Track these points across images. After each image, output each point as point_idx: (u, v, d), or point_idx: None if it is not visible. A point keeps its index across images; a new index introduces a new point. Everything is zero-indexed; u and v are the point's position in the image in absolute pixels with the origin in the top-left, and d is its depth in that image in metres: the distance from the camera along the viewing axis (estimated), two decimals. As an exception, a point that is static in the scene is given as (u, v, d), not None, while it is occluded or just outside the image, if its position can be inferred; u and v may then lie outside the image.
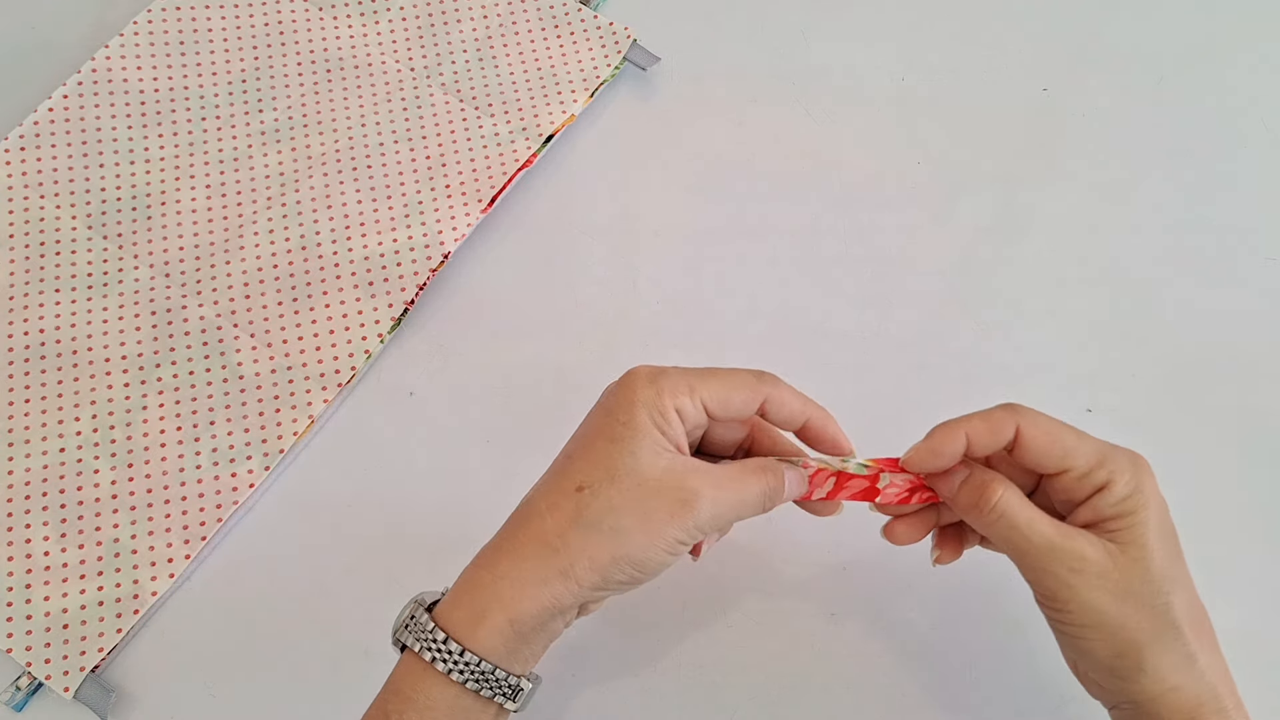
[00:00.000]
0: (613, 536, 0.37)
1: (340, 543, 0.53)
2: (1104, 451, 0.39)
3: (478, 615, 0.37)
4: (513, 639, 0.37)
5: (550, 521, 0.38)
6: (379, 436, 0.56)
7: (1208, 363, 0.58)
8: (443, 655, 0.37)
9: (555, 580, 0.37)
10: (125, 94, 0.63)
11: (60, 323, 0.56)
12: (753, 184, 0.63)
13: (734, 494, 0.39)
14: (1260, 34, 0.68)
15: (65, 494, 0.52)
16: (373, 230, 0.60)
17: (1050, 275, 0.60)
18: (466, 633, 0.37)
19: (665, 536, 0.37)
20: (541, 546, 0.37)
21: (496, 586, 0.37)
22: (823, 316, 0.59)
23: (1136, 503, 0.38)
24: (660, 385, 0.39)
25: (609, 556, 0.37)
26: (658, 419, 0.38)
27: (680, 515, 0.37)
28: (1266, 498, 0.55)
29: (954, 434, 0.40)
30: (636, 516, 0.37)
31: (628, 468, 0.38)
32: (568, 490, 0.38)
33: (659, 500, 0.37)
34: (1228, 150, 0.64)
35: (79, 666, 0.49)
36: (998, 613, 0.52)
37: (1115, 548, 0.38)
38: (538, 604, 0.37)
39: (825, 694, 0.50)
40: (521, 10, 0.67)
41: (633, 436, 0.38)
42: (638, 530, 0.37)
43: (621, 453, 0.38)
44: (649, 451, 0.38)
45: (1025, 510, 0.39)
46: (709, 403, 0.40)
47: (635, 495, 0.37)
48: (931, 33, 0.68)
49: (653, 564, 0.38)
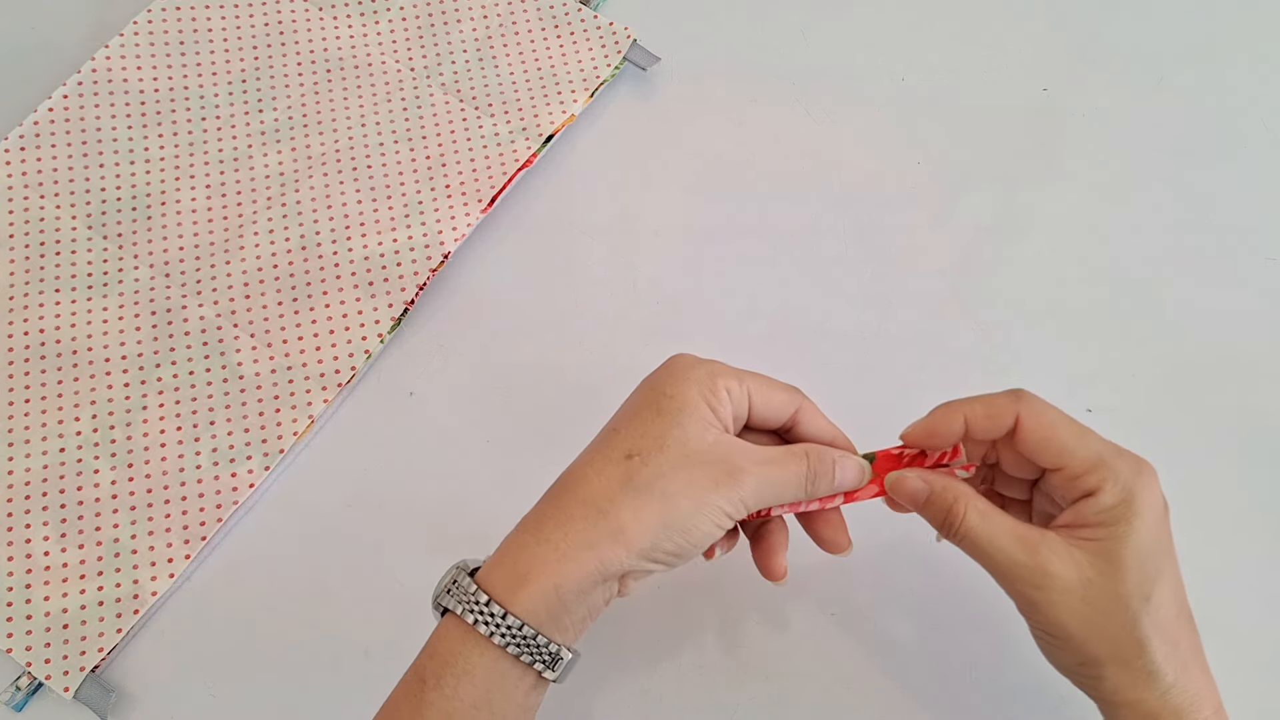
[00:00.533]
0: (663, 500, 0.37)
1: (340, 543, 0.53)
2: (1103, 455, 0.38)
3: (521, 578, 0.36)
4: (556, 604, 0.37)
5: (598, 485, 0.37)
6: (379, 436, 0.56)
7: (1208, 363, 0.58)
8: (485, 618, 0.36)
9: (604, 543, 0.36)
10: (125, 94, 0.63)
11: (60, 323, 0.56)
12: (753, 184, 0.63)
13: (778, 472, 0.39)
14: (1260, 34, 0.68)
15: (65, 494, 0.52)
16: (373, 230, 0.60)
17: (1050, 275, 0.60)
18: (509, 595, 0.36)
19: (712, 504, 0.37)
20: (589, 508, 0.37)
21: (540, 550, 0.37)
22: (823, 316, 0.59)
23: (1119, 514, 0.38)
24: (712, 367, 0.40)
25: (659, 520, 0.37)
26: (708, 395, 0.39)
27: (726, 486, 0.38)
28: (1266, 498, 0.55)
29: (953, 415, 0.40)
30: (684, 483, 0.37)
31: (676, 438, 0.38)
32: (615, 458, 0.38)
33: (706, 470, 0.38)
34: (1228, 150, 0.64)
35: (79, 666, 0.49)
36: (998, 613, 0.51)
37: (1086, 559, 0.38)
38: (584, 568, 0.36)
39: (825, 694, 0.50)
40: (521, 10, 0.67)
41: (681, 410, 0.38)
42: (685, 496, 0.37)
43: (670, 425, 0.38)
44: (697, 425, 0.38)
45: (986, 527, 0.39)
46: (754, 395, 0.40)
47: (683, 464, 0.37)
48: (931, 33, 0.68)
49: (698, 533, 0.38)
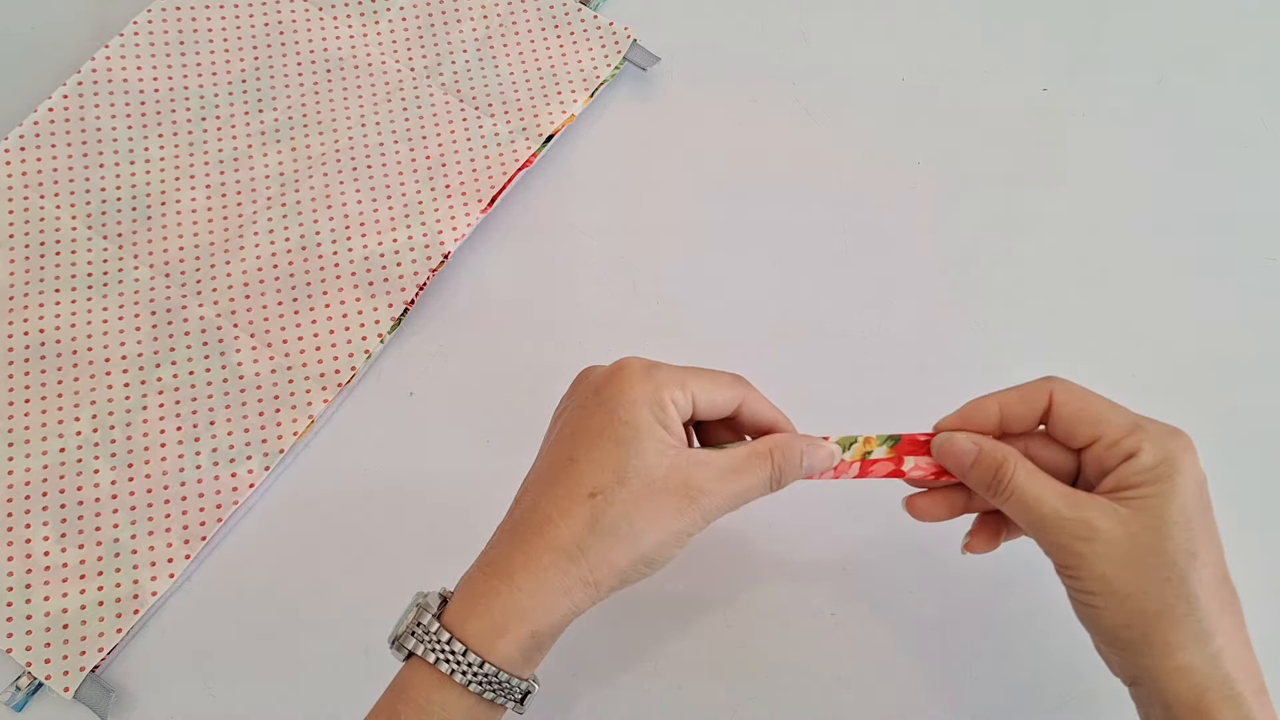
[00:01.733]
0: (629, 540, 0.38)
1: (340, 543, 0.53)
2: (1138, 422, 0.39)
3: (498, 628, 0.37)
4: (532, 648, 0.38)
5: (565, 530, 0.38)
6: (379, 436, 0.56)
7: (1208, 363, 0.58)
8: (460, 667, 0.37)
9: (576, 589, 0.38)
10: (125, 94, 0.63)
11: (60, 323, 0.56)
12: (752, 184, 0.63)
13: (737, 483, 0.40)
14: (1260, 34, 0.68)
15: (65, 494, 0.52)
16: (373, 230, 0.60)
17: (1050, 275, 0.60)
18: (486, 645, 0.37)
19: (674, 532, 0.38)
20: (559, 556, 0.37)
21: (515, 598, 0.37)
22: (823, 316, 0.59)
23: (1161, 473, 0.38)
24: (656, 379, 0.39)
25: (627, 560, 0.38)
26: (658, 414, 0.39)
27: (687, 511, 0.38)
28: (1267, 498, 0.55)
29: (987, 404, 0.41)
30: (649, 516, 0.38)
31: (635, 469, 0.38)
32: (579, 496, 0.38)
33: (668, 498, 0.38)
34: (1228, 150, 0.64)
35: (79, 666, 0.49)
36: (998, 612, 0.52)
37: (1129, 514, 0.38)
38: (559, 613, 0.38)
39: (825, 694, 0.50)
40: (521, 10, 0.67)
41: (636, 437, 0.38)
42: (651, 530, 0.38)
43: (628, 454, 0.38)
44: (653, 451, 0.38)
45: (1034, 485, 0.39)
46: (698, 397, 0.40)
47: (645, 495, 0.38)
48: (931, 33, 0.68)
49: (665, 559, 0.39)
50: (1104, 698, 0.49)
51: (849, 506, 0.52)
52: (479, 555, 0.40)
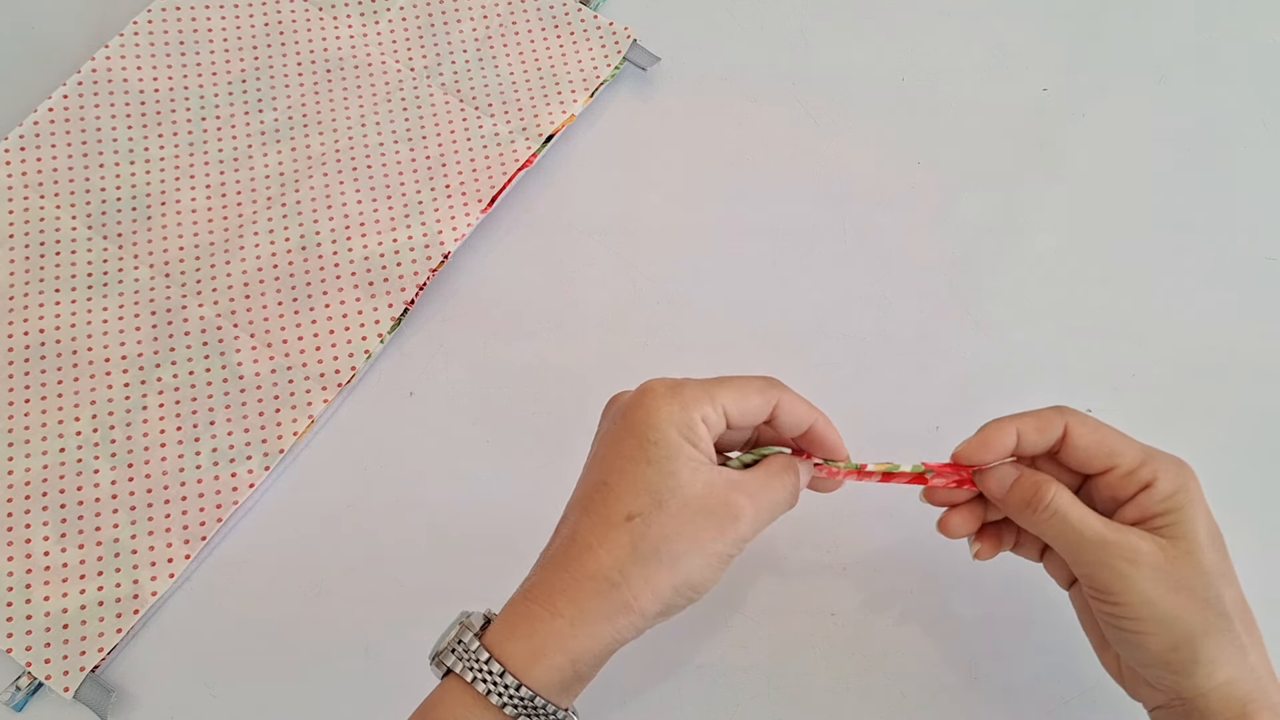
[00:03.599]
0: (671, 564, 0.37)
1: (340, 543, 0.53)
2: (1149, 452, 0.40)
3: (537, 651, 0.37)
4: (571, 677, 0.37)
5: (605, 556, 0.37)
6: (379, 436, 0.56)
7: (1208, 363, 0.58)
8: (498, 689, 0.36)
9: (619, 615, 0.37)
10: (125, 94, 0.63)
11: (60, 323, 0.56)
12: (753, 184, 0.63)
13: (769, 500, 0.40)
14: (1260, 34, 0.68)
15: (65, 494, 0.52)
16: (373, 230, 0.60)
17: (1050, 275, 0.60)
18: (523, 667, 0.36)
19: (717, 554, 0.38)
20: (601, 583, 0.37)
21: (556, 625, 0.37)
22: (823, 316, 0.59)
23: (1181, 500, 0.39)
24: (683, 398, 0.39)
25: (670, 586, 0.37)
26: (688, 433, 0.38)
27: (728, 532, 0.38)
28: (1267, 498, 0.55)
29: (1005, 429, 0.41)
30: (689, 540, 0.37)
31: (671, 489, 0.38)
32: (616, 521, 0.38)
33: (708, 519, 0.38)
34: (1228, 150, 0.64)
35: (79, 666, 0.49)
36: (998, 613, 0.52)
37: (1165, 542, 0.39)
38: (600, 641, 0.37)
39: (826, 694, 0.50)
40: (521, 10, 0.67)
41: (669, 457, 0.38)
42: (693, 553, 0.37)
43: (663, 475, 0.38)
44: (688, 470, 0.38)
45: (1077, 508, 0.40)
46: (729, 410, 0.40)
47: (684, 517, 0.37)
48: (931, 33, 0.68)
49: (708, 584, 0.38)
50: (1104, 698, 0.49)
51: (849, 507, 0.52)
52: (522, 582, 0.40)
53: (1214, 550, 0.39)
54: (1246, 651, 0.39)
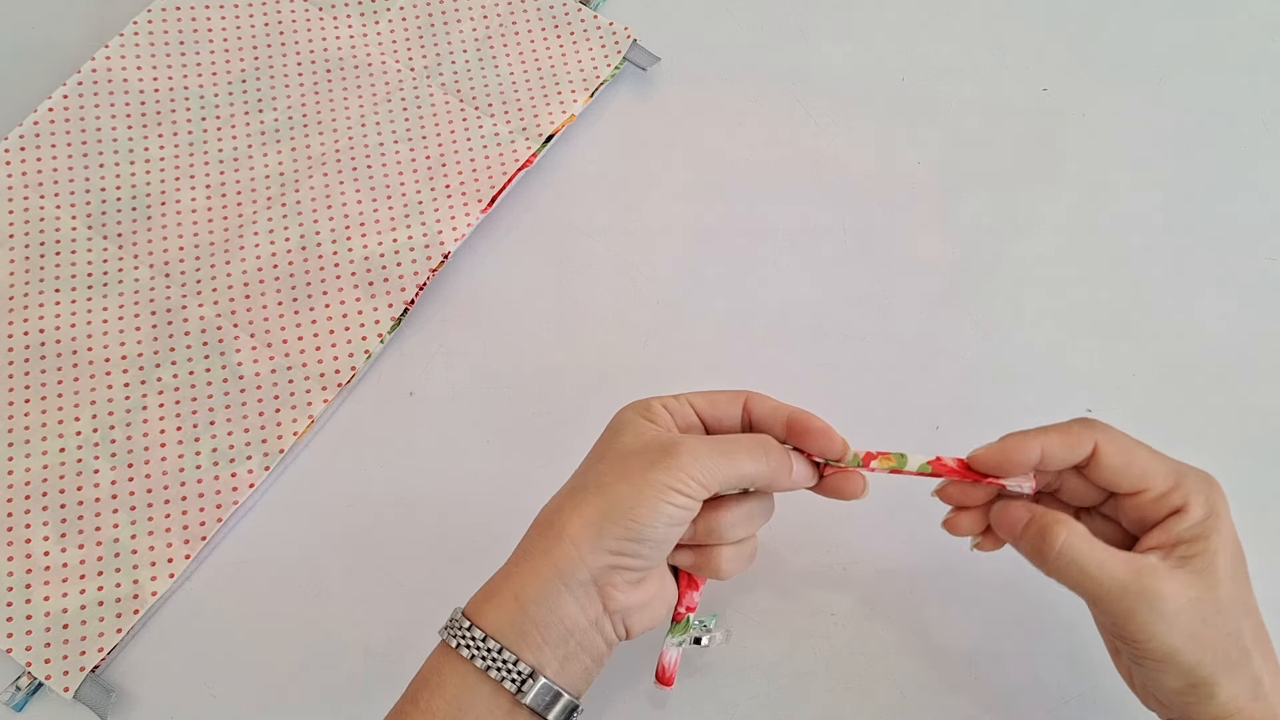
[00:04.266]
0: (598, 492, 0.38)
1: (340, 543, 0.53)
2: (1180, 472, 0.39)
3: (487, 594, 0.39)
4: (519, 614, 0.38)
5: (550, 505, 0.40)
6: (379, 436, 0.56)
7: (1208, 363, 0.58)
8: (459, 635, 0.38)
9: (554, 547, 0.38)
10: (125, 94, 0.63)
11: (60, 323, 0.56)
12: (753, 184, 0.63)
13: (721, 449, 0.39)
14: (1260, 34, 0.68)
15: (65, 494, 0.52)
16: (373, 230, 0.60)
17: (1050, 275, 0.60)
18: (475, 610, 0.39)
19: (653, 482, 0.37)
20: (541, 525, 0.40)
21: (506, 570, 0.39)
22: (823, 316, 0.59)
23: (1210, 527, 0.38)
24: (648, 399, 0.41)
25: (598, 511, 0.38)
26: (642, 412, 0.41)
27: (662, 463, 0.38)
28: (1267, 498, 0.55)
29: (1028, 444, 0.40)
30: (619, 473, 0.38)
31: (614, 447, 0.40)
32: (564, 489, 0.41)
33: (640, 456, 0.38)
34: (1228, 150, 0.64)
35: (79, 666, 0.49)
36: (997, 613, 0.52)
37: (1189, 577, 0.38)
38: (540, 574, 0.38)
39: (825, 694, 0.50)
40: (521, 10, 0.67)
41: (618, 430, 0.40)
42: (622, 482, 0.38)
43: (608, 442, 0.40)
44: (633, 432, 0.40)
45: (1094, 552, 0.38)
46: (696, 402, 0.41)
47: (619, 460, 0.39)
48: (931, 33, 0.68)
49: (645, 514, 0.37)
50: (1104, 698, 0.49)
51: (849, 507, 0.52)
52: None
53: (1236, 579, 0.38)
54: (1261, 681, 0.38)
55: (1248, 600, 0.39)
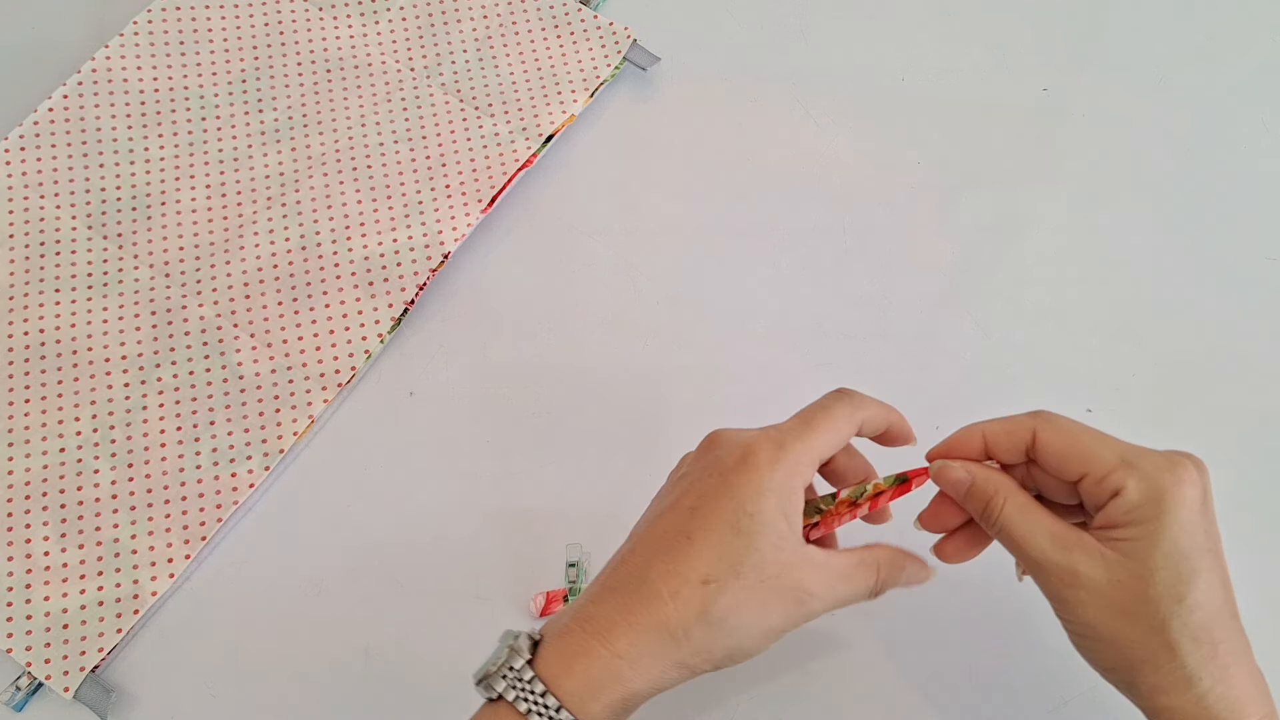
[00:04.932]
0: (732, 635, 0.38)
1: (340, 543, 0.53)
2: (1125, 455, 0.38)
3: (593, 689, 0.37)
4: (621, 713, 0.38)
5: (674, 612, 0.38)
6: (379, 436, 0.56)
7: (1208, 363, 0.58)
8: None
9: (673, 669, 0.38)
10: (125, 94, 0.63)
11: (60, 323, 0.56)
12: (753, 184, 0.63)
13: (844, 590, 0.40)
14: (1260, 34, 0.68)
15: (65, 494, 0.52)
16: (373, 230, 0.60)
17: (1050, 275, 0.60)
18: (581, 705, 0.37)
19: (775, 631, 0.39)
20: (664, 636, 0.38)
21: (614, 664, 0.37)
22: (823, 316, 0.59)
23: (1147, 512, 0.37)
24: (787, 466, 0.39)
25: (725, 650, 0.38)
26: (786, 507, 0.39)
27: (793, 614, 0.39)
28: (1267, 498, 0.55)
29: (972, 433, 0.41)
30: (754, 614, 0.38)
31: (753, 564, 0.38)
32: (692, 580, 0.38)
33: (777, 598, 0.38)
34: (1228, 150, 0.64)
35: (79, 666, 0.49)
36: (998, 613, 0.52)
37: (1116, 559, 0.37)
38: (652, 686, 0.38)
39: (825, 694, 0.50)
40: (521, 10, 0.67)
41: (760, 531, 0.38)
42: (754, 627, 0.38)
43: (748, 548, 0.38)
44: (772, 547, 0.38)
45: (1025, 522, 0.39)
46: (825, 453, 0.40)
47: (756, 592, 0.38)
48: (931, 33, 0.68)
49: (757, 652, 0.39)
50: (1104, 698, 0.49)
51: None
52: (575, 604, 0.40)
53: (1174, 571, 0.37)
54: (1194, 681, 0.37)
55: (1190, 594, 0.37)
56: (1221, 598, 0.38)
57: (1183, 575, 0.37)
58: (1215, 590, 0.38)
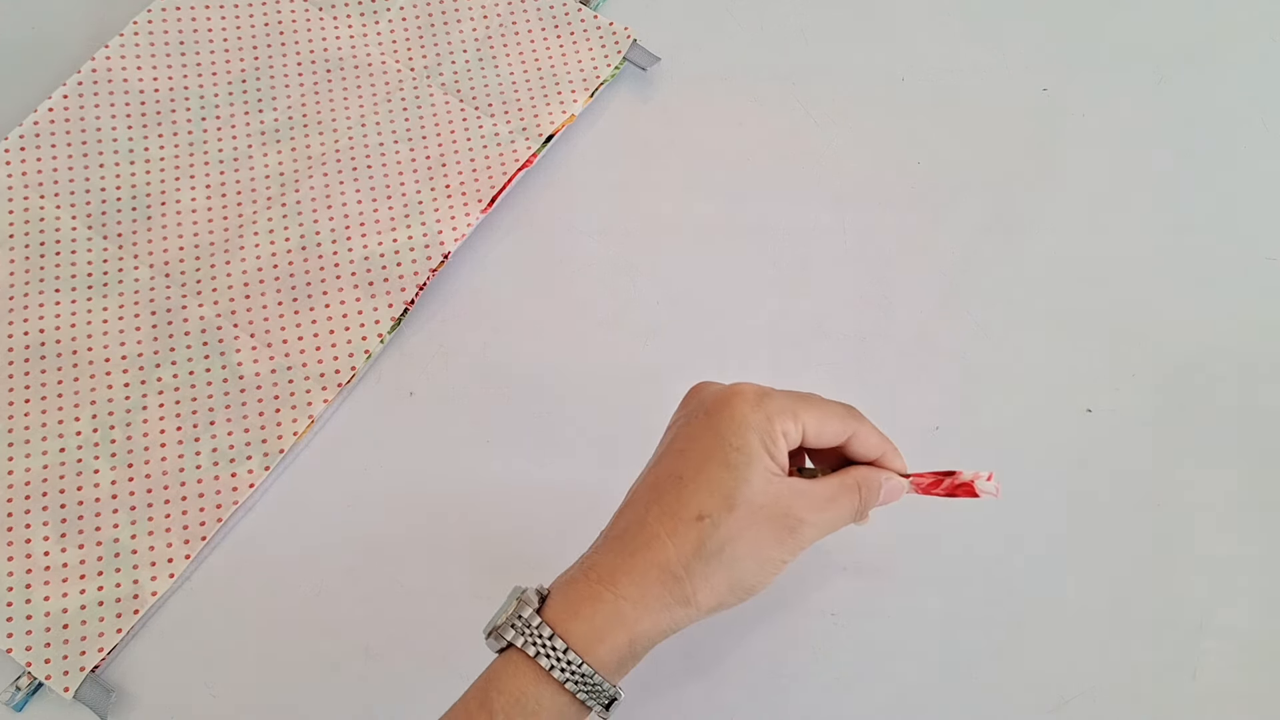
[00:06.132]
0: (730, 564, 0.39)
1: (340, 543, 0.53)
2: None
3: (599, 632, 0.38)
4: (628, 657, 0.39)
5: (673, 549, 0.39)
6: (379, 436, 0.56)
7: (1208, 363, 0.58)
8: (561, 664, 0.38)
9: (677, 606, 0.39)
10: (125, 94, 0.63)
11: (60, 323, 0.56)
12: (753, 184, 0.63)
13: (832, 513, 0.41)
14: (1260, 34, 0.68)
15: (65, 494, 0.52)
16: (373, 230, 0.60)
17: (1050, 275, 0.60)
18: (587, 646, 0.38)
19: (772, 559, 0.40)
20: (664, 573, 0.39)
21: (619, 606, 0.39)
22: (823, 316, 0.59)
23: None
24: (768, 409, 0.40)
25: (726, 584, 0.39)
26: (768, 444, 0.40)
27: (787, 540, 0.40)
28: (1267, 498, 0.55)
29: None
30: (749, 544, 0.39)
31: (744, 496, 0.39)
32: (687, 518, 0.39)
33: (770, 526, 0.39)
34: (1228, 150, 0.64)
35: (79, 666, 0.49)
36: (998, 613, 0.52)
37: None
38: (659, 627, 0.39)
39: (825, 694, 0.50)
40: (521, 10, 0.67)
41: (747, 464, 0.39)
42: (750, 557, 0.39)
43: (738, 480, 0.39)
44: (761, 479, 0.39)
45: None
46: (808, 429, 0.41)
47: (749, 523, 0.39)
48: (931, 33, 0.68)
49: (760, 586, 0.40)
50: (1104, 698, 0.49)
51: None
52: (580, 559, 0.41)
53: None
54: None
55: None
56: None
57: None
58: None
